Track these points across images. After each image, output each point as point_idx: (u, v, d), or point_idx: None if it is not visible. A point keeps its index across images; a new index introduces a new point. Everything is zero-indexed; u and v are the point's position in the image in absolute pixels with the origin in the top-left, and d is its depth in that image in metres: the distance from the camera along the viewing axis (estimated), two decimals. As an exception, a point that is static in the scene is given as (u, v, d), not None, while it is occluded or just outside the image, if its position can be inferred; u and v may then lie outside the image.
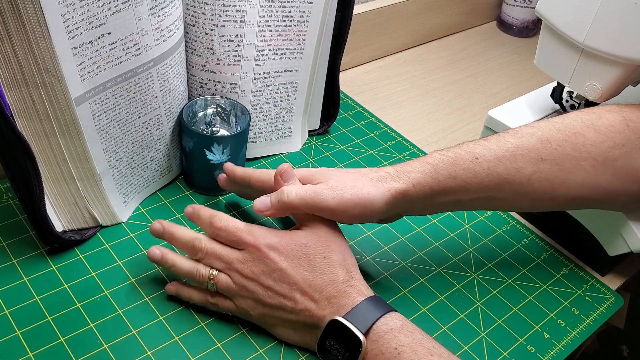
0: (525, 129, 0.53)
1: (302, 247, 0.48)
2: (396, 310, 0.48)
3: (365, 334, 0.45)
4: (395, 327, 0.46)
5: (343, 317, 0.46)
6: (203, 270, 0.50)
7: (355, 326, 0.45)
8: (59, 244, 0.56)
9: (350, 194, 0.49)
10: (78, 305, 0.52)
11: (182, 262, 0.51)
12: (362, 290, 0.48)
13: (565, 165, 0.51)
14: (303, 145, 0.73)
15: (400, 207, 0.51)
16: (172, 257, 0.51)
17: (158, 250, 0.51)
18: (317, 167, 0.60)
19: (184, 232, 0.51)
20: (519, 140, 0.51)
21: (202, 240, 0.50)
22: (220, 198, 0.65)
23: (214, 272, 0.50)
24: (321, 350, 0.47)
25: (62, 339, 0.49)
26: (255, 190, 0.56)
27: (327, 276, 0.48)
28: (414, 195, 0.49)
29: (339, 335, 0.46)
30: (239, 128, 0.64)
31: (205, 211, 0.52)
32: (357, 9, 0.84)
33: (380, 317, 0.46)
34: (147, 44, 0.53)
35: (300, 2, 0.61)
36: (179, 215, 0.62)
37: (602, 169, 0.51)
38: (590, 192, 0.52)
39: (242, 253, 0.49)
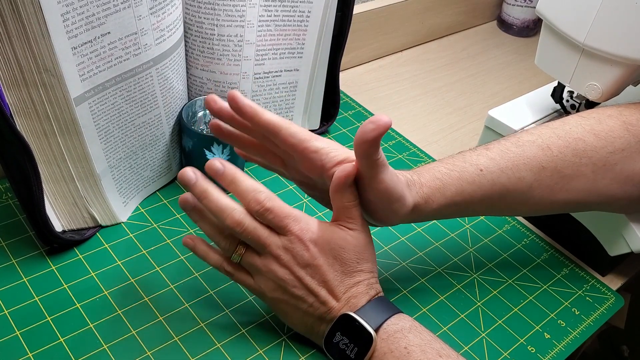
0: (526, 137, 0.52)
1: (340, 250, 0.47)
2: (403, 312, 0.48)
3: (375, 331, 0.45)
4: (405, 327, 0.46)
5: (355, 312, 0.46)
6: (230, 239, 0.48)
7: (367, 322, 0.45)
8: (58, 244, 0.56)
9: (402, 186, 0.47)
10: (77, 305, 0.52)
11: (210, 222, 0.48)
12: (378, 291, 0.49)
13: (565, 171, 0.51)
14: (303, 145, 0.73)
15: (408, 217, 0.50)
16: (200, 212, 0.49)
17: (192, 201, 0.48)
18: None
19: (220, 196, 0.46)
20: (521, 149, 0.51)
21: (242, 214, 0.46)
22: (220, 198, 0.65)
23: (242, 246, 0.48)
24: (328, 342, 0.47)
25: (61, 339, 0.49)
26: (277, 146, 0.49)
27: (354, 279, 0.48)
28: (423, 210, 0.49)
29: (349, 330, 0.46)
30: (238, 128, 0.64)
31: (246, 181, 0.46)
32: (357, 8, 0.84)
33: (391, 316, 0.47)
34: (146, 44, 0.53)
35: (300, 2, 0.61)
36: (178, 215, 0.62)
37: (602, 173, 0.51)
38: (590, 196, 0.53)
39: (281, 239, 0.47)
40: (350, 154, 0.47)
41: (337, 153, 0.47)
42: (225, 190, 0.47)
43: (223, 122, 0.51)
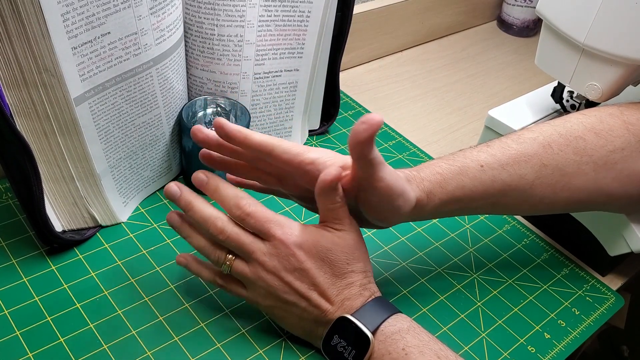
0: (527, 134, 0.53)
1: (328, 252, 0.47)
2: (401, 312, 0.48)
3: (373, 333, 0.45)
4: (402, 328, 0.46)
5: (352, 315, 0.46)
6: (219, 250, 0.48)
7: (364, 325, 0.45)
8: (58, 244, 0.56)
9: (403, 182, 0.46)
10: (77, 305, 0.52)
11: (198, 237, 0.49)
12: (373, 292, 0.48)
13: (566, 169, 0.51)
14: (303, 145, 0.73)
15: (411, 214, 0.49)
16: (190, 229, 0.50)
17: (178, 217, 0.49)
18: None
19: (204, 206, 0.48)
20: (522, 146, 0.51)
21: (224, 222, 0.47)
22: (220, 198, 0.65)
23: (231, 255, 0.48)
24: (326, 345, 0.47)
25: (61, 339, 0.49)
26: (271, 164, 0.48)
27: (346, 280, 0.48)
28: (425, 205, 0.49)
29: (346, 333, 0.46)
30: (238, 128, 0.64)
31: (229, 189, 0.48)
32: (357, 8, 0.84)
33: (388, 317, 0.46)
34: (146, 44, 0.53)
35: (300, 2, 0.61)
36: (178, 215, 0.62)
37: (603, 172, 0.52)
38: (591, 195, 0.53)
39: (266, 245, 0.47)
40: (347, 159, 0.47)
41: (333, 161, 0.47)
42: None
43: (213, 151, 0.50)
